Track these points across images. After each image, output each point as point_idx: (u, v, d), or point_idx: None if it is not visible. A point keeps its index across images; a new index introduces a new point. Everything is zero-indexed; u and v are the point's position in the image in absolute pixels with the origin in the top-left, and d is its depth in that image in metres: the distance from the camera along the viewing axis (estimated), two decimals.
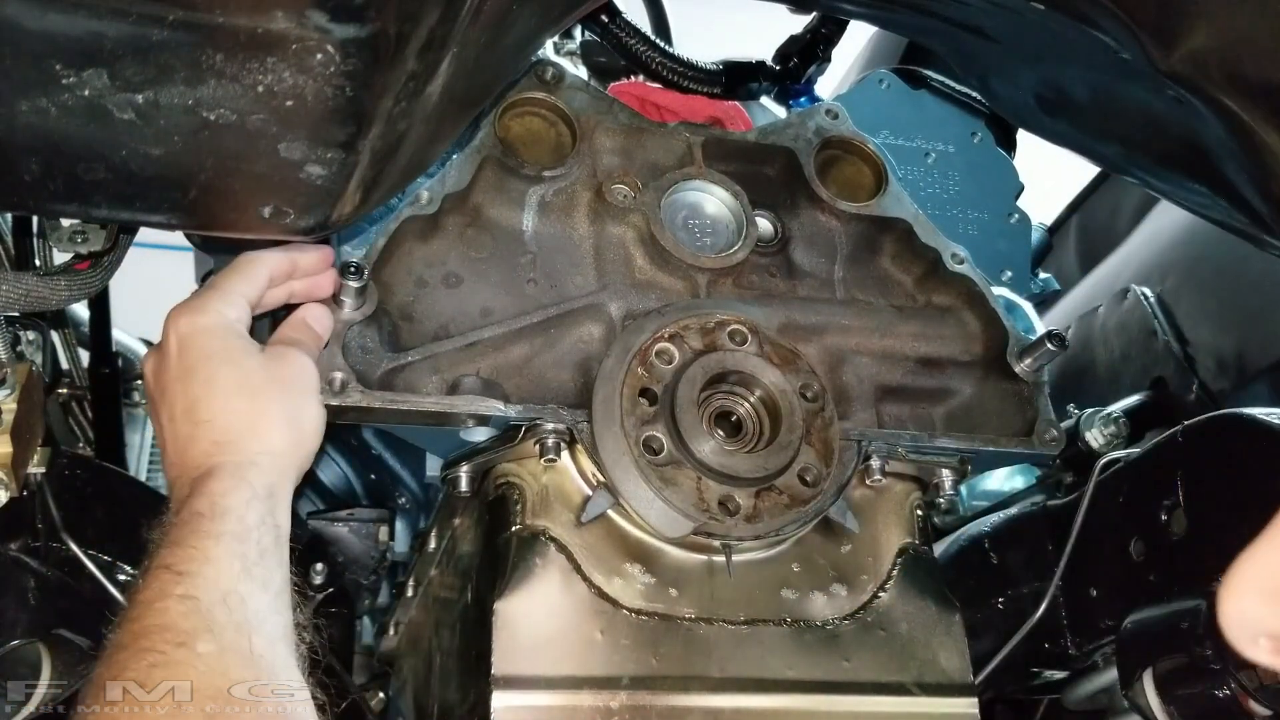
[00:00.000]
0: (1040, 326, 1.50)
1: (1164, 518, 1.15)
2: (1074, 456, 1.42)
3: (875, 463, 1.12)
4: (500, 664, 0.96)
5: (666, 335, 1.08)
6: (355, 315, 1.03)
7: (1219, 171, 0.90)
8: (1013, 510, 1.47)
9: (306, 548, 1.60)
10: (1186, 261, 1.89)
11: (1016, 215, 1.58)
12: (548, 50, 1.40)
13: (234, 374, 0.90)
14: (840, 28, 1.42)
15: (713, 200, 1.21)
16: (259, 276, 0.95)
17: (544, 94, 1.19)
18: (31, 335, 1.29)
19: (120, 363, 1.59)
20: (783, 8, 1.20)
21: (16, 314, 1.18)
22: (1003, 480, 1.84)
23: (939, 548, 1.43)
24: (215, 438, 0.87)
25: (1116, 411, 1.48)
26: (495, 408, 1.03)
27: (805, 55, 1.42)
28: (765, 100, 1.46)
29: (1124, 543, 1.20)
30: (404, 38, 0.63)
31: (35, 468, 1.11)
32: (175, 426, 0.90)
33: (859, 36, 1.86)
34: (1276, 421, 1.07)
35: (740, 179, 1.22)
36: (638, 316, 1.12)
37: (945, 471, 1.17)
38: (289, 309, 1.01)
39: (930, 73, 1.62)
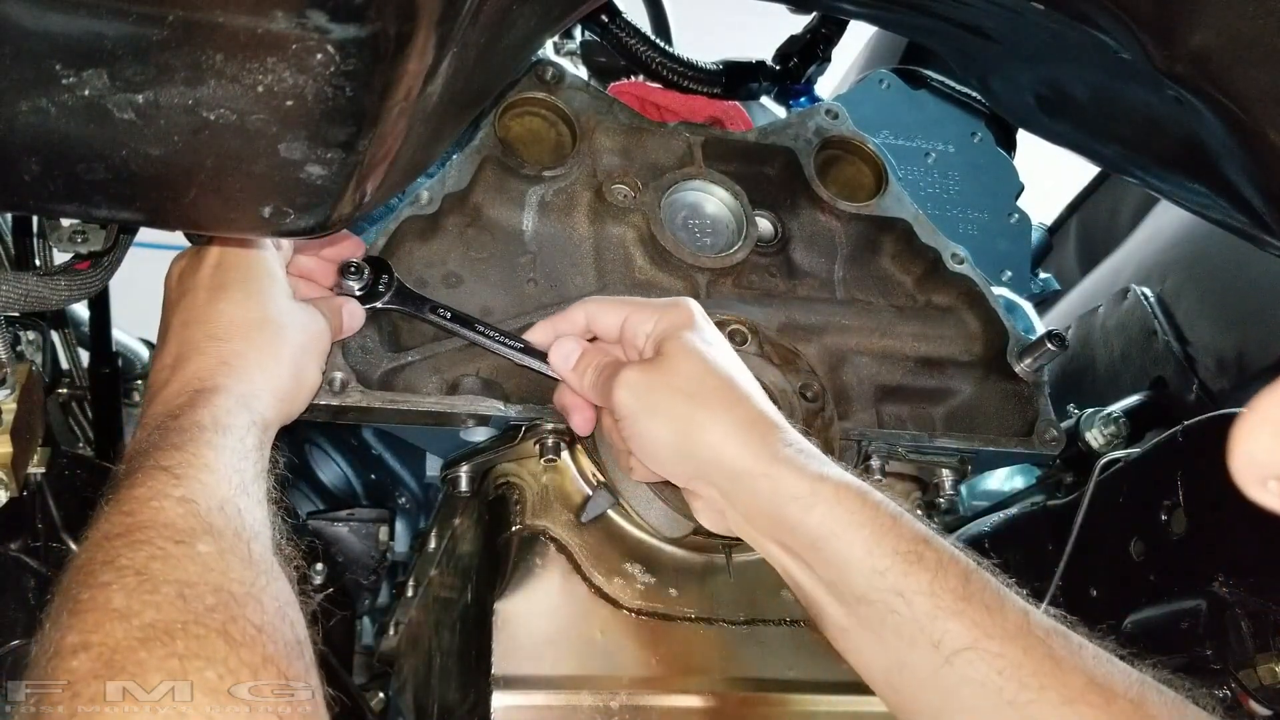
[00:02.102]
0: (1040, 326, 1.51)
1: (1164, 518, 1.15)
2: (1074, 456, 1.42)
3: (875, 463, 1.12)
4: (500, 664, 0.96)
5: None
6: None
7: (1219, 171, 0.90)
8: (1013, 510, 1.47)
9: (306, 548, 1.60)
10: (1186, 261, 1.89)
11: (1016, 215, 1.58)
12: (548, 50, 1.40)
13: (263, 306, 0.90)
14: (840, 28, 1.42)
15: (713, 200, 1.21)
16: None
17: (544, 94, 1.19)
18: (31, 335, 1.29)
19: (120, 363, 1.59)
20: (783, 8, 1.20)
21: (16, 314, 1.18)
22: (1003, 480, 1.84)
23: None
24: (225, 358, 0.86)
25: (1116, 411, 1.48)
26: (495, 407, 1.03)
27: (805, 55, 1.42)
28: (765, 100, 1.46)
29: (1124, 543, 1.20)
30: (404, 38, 0.63)
31: (35, 468, 1.11)
32: (187, 331, 0.88)
33: (859, 36, 1.86)
34: None
35: (740, 179, 1.22)
36: None
37: (945, 471, 1.17)
38: None
39: (930, 73, 1.62)
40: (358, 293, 1.02)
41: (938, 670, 0.79)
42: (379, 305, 1.03)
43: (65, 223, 0.91)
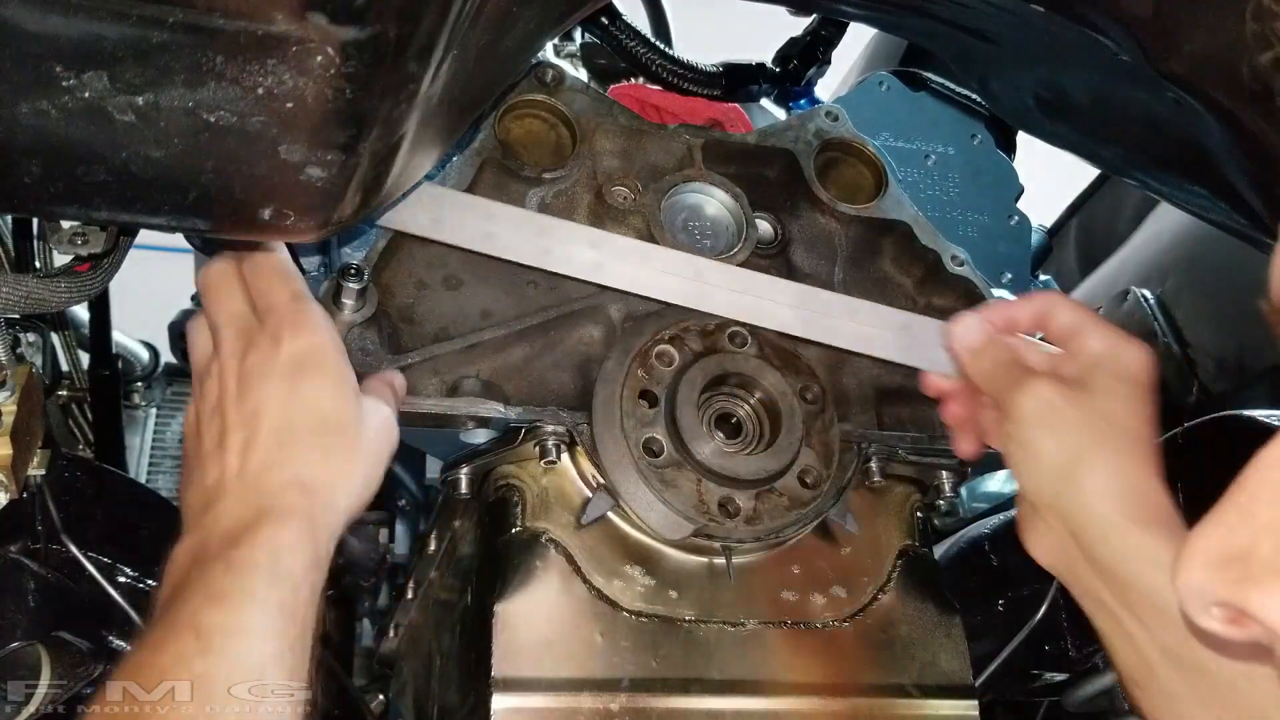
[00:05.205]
0: None
1: None
2: None
3: (875, 465, 1.13)
4: (500, 666, 0.96)
5: (666, 337, 1.08)
6: (355, 317, 1.03)
7: (1219, 173, 0.91)
8: (1013, 512, 1.47)
9: None
10: (1186, 263, 1.89)
11: (1016, 217, 1.58)
12: (548, 53, 1.40)
13: (341, 418, 0.82)
14: (840, 30, 1.42)
15: (713, 202, 1.21)
16: None
17: (544, 96, 1.19)
18: (32, 337, 1.29)
19: (120, 365, 1.59)
20: (782, 9, 1.20)
21: (16, 316, 1.18)
22: (1003, 482, 1.84)
23: (939, 550, 1.43)
24: (302, 477, 0.78)
25: None
26: (495, 410, 1.03)
27: (805, 57, 1.42)
28: (765, 102, 1.46)
29: None
30: (404, 40, 0.63)
31: (35, 470, 1.11)
32: (257, 427, 0.79)
33: (859, 39, 1.86)
34: (1276, 423, 1.07)
35: (740, 181, 1.22)
36: (638, 318, 1.12)
37: (945, 474, 1.17)
38: None
39: (930, 75, 1.62)
40: (355, 288, 1.01)
41: None
42: None
43: (65, 225, 0.91)
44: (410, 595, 1.43)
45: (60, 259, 0.95)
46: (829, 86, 1.86)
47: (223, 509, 0.77)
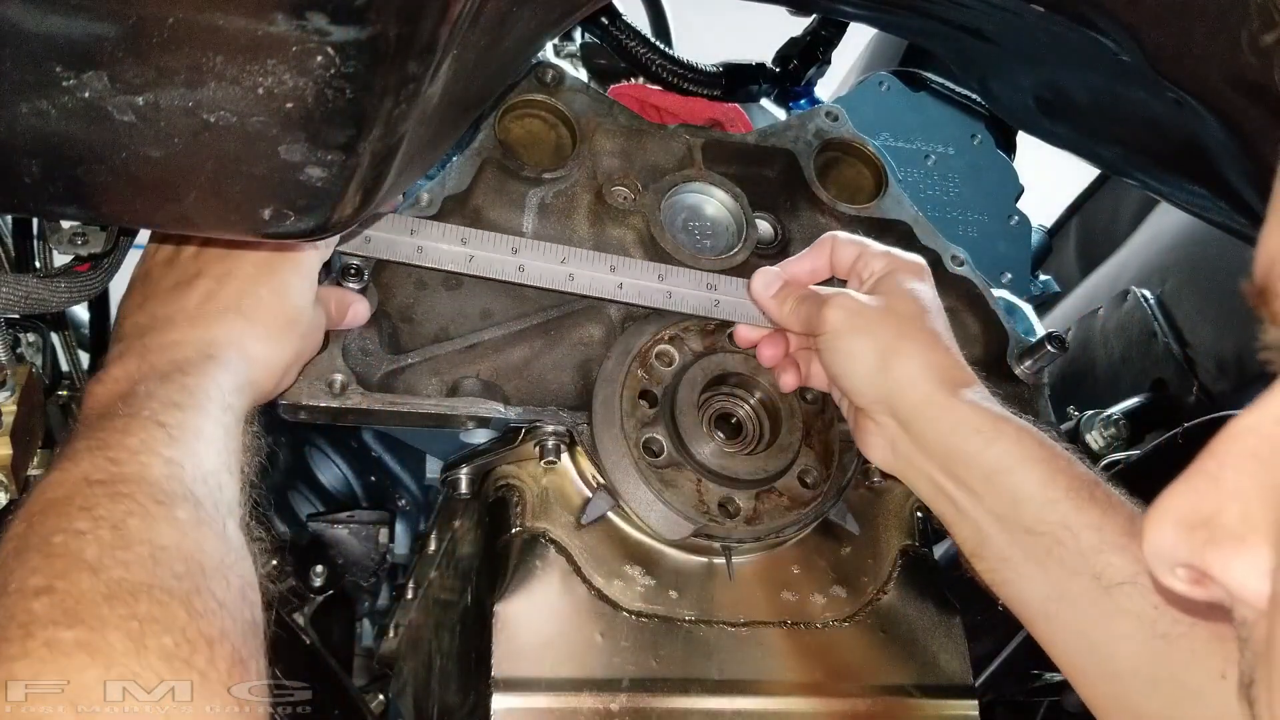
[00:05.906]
0: (1040, 329, 1.51)
1: None
2: None
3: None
4: (500, 666, 0.96)
5: (666, 337, 1.08)
6: None
7: (1219, 173, 0.91)
8: None
9: (306, 549, 1.60)
10: (1187, 263, 1.89)
11: (1016, 217, 1.58)
12: (548, 53, 1.40)
13: (297, 306, 0.89)
14: (839, 30, 1.42)
15: (713, 202, 1.21)
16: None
17: (544, 96, 1.19)
18: (31, 337, 1.29)
19: None
20: (782, 9, 1.20)
21: (16, 316, 1.18)
22: None
23: (939, 549, 1.43)
24: (245, 345, 0.85)
25: (1116, 413, 1.47)
26: (495, 410, 1.03)
27: (805, 57, 1.42)
28: (765, 102, 1.46)
29: None
30: (404, 40, 0.63)
31: (35, 470, 1.11)
32: (223, 288, 0.86)
33: (859, 39, 1.86)
34: None
35: (740, 181, 1.22)
36: (638, 318, 1.12)
37: None
38: None
39: (930, 75, 1.62)
40: (355, 288, 1.02)
41: (1096, 601, 0.85)
42: None
43: (65, 224, 0.91)
44: (410, 595, 1.43)
45: (60, 259, 0.95)
46: (829, 86, 1.86)
47: (170, 339, 0.83)
